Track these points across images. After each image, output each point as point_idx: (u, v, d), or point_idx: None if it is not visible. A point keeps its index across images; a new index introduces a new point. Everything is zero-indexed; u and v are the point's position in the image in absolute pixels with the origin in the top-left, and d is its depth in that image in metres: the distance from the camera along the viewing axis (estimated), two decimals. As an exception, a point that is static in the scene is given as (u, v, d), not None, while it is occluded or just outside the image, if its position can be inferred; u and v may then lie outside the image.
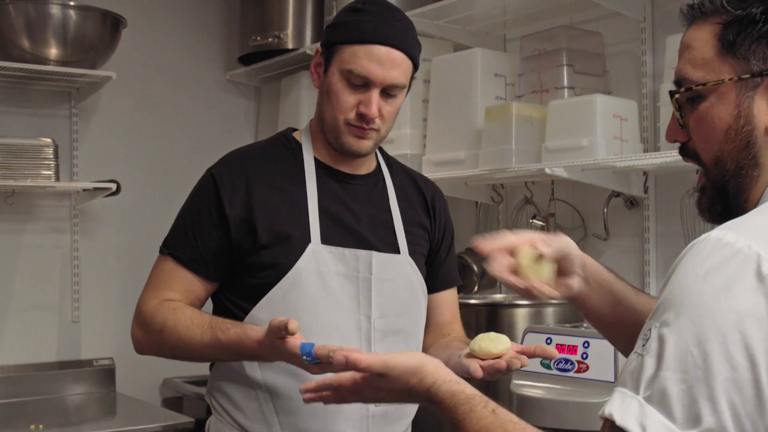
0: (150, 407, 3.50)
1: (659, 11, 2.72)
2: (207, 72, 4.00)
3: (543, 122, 2.68)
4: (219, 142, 3.98)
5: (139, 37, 3.69)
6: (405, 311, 1.85)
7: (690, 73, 1.17)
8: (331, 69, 1.79)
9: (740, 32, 1.12)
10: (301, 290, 1.74)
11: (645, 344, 0.99)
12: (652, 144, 2.68)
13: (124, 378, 3.61)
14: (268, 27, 3.66)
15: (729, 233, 0.99)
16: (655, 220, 2.72)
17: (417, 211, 1.95)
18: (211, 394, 1.86)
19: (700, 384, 0.93)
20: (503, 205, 3.22)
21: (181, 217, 1.85)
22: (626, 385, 1.00)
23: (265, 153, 1.89)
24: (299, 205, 1.80)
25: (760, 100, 1.12)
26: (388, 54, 1.76)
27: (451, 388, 1.21)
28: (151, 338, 1.80)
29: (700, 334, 0.95)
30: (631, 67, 2.82)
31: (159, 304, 1.78)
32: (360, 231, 1.83)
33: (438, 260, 1.99)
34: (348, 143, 1.80)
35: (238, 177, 1.81)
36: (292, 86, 3.74)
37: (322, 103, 1.83)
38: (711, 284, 0.96)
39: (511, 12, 3.06)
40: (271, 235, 1.76)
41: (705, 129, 1.17)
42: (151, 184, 3.79)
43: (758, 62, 1.11)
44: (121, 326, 3.70)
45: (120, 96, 3.69)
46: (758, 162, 1.13)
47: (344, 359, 1.24)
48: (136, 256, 3.72)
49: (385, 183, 1.93)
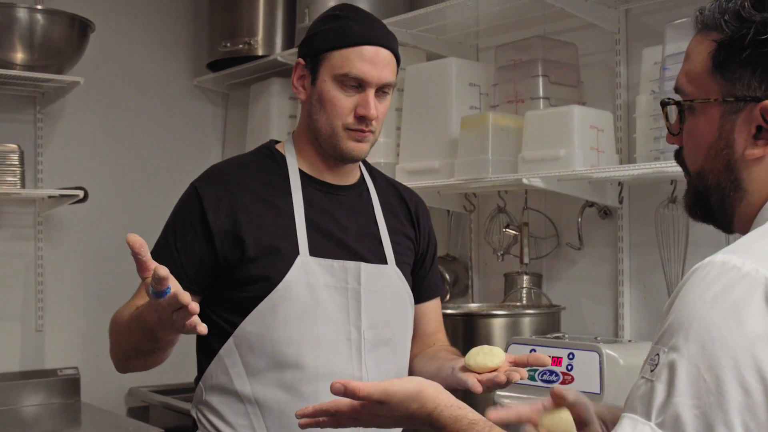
0: (116, 417, 3.46)
1: (633, 23, 2.75)
2: (175, 78, 3.96)
3: (519, 132, 2.69)
4: (187, 149, 3.97)
5: (106, 42, 3.63)
6: (394, 321, 1.84)
7: (684, 85, 1.18)
8: (321, 77, 1.78)
9: (730, 54, 1.11)
10: (291, 302, 1.72)
11: (654, 369, 0.99)
12: (626, 155, 2.70)
13: (89, 387, 3.55)
14: (238, 33, 3.63)
15: (734, 257, 0.99)
16: (629, 230, 2.75)
17: (402, 222, 1.95)
18: (198, 408, 1.83)
19: (715, 409, 0.93)
20: (475, 214, 3.23)
21: (165, 231, 1.82)
22: (636, 411, 0.99)
23: (249, 165, 1.87)
24: (286, 217, 1.78)
25: (742, 126, 1.11)
26: (378, 53, 1.77)
27: (454, 413, 1.20)
28: (110, 341, 1.78)
29: (711, 359, 0.95)
30: (605, 78, 2.84)
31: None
32: (347, 242, 1.82)
33: (423, 270, 1.99)
34: (348, 149, 1.79)
35: (222, 190, 1.78)
36: (261, 93, 3.72)
37: (314, 113, 1.81)
38: (720, 309, 0.96)
39: (483, 22, 3.07)
40: (259, 248, 1.74)
41: (692, 142, 1.18)
42: (117, 191, 3.74)
43: (743, 88, 1.11)
44: (86, 335, 3.67)
45: (86, 101, 3.63)
46: (740, 185, 1.13)
47: (342, 387, 1.22)
48: (102, 264, 3.67)
49: (369, 193, 1.93)
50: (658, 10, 2.69)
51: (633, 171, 2.41)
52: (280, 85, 3.67)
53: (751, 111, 1.10)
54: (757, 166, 1.12)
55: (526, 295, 2.92)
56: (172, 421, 3.40)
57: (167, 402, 3.50)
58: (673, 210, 2.54)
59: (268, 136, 3.59)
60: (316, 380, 1.72)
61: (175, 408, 3.42)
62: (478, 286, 3.23)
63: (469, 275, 3.23)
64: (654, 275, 2.65)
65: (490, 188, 2.89)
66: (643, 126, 2.48)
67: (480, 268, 3.24)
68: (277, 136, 3.57)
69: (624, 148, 2.71)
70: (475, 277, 3.24)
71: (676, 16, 2.45)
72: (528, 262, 2.93)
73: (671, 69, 2.31)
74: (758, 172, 1.12)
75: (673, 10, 2.62)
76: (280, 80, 3.68)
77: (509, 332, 2.52)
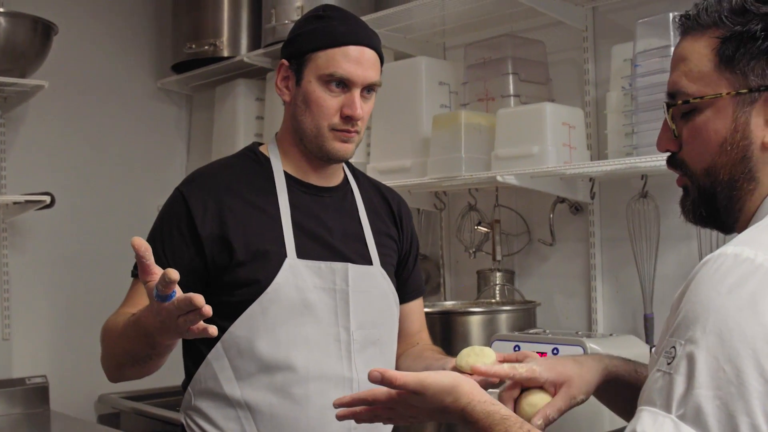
0: (86, 425, 3.42)
1: (601, 20, 2.78)
2: (139, 80, 3.93)
3: (491, 130, 2.71)
4: (152, 152, 3.94)
5: (70, 44, 3.59)
6: (381, 322, 1.85)
7: (686, 86, 1.19)
8: (306, 78, 1.78)
9: (739, 48, 1.13)
10: (281, 305, 1.72)
11: (671, 362, 1.00)
12: (596, 151, 2.74)
13: (58, 395, 3.50)
14: (202, 35, 3.61)
15: (746, 249, 1.01)
16: (600, 225, 2.78)
17: (385, 222, 1.96)
18: (187, 414, 1.81)
19: (736, 399, 0.95)
20: (446, 212, 3.24)
21: (152, 238, 1.80)
22: (655, 404, 1.00)
23: (234, 168, 1.86)
24: (273, 220, 1.78)
25: (758, 116, 1.14)
26: (363, 53, 1.78)
27: (486, 409, 1.21)
28: (102, 349, 1.75)
29: (730, 349, 0.96)
30: (573, 75, 2.87)
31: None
32: (334, 244, 1.82)
33: (406, 270, 2.00)
34: (334, 149, 1.80)
35: (209, 194, 1.78)
36: (227, 94, 3.69)
37: (299, 114, 1.81)
38: (736, 300, 0.98)
39: (450, 21, 3.08)
40: (247, 252, 1.74)
41: (700, 141, 1.19)
42: (84, 196, 3.69)
43: (756, 78, 1.13)
44: (55, 343, 3.62)
45: (50, 105, 3.59)
46: (754, 176, 1.16)
47: (380, 375, 1.23)
48: (70, 270, 3.63)
49: (353, 195, 1.93)
50: (625, 7, 2.72)
51: (606, 167, 2.44)
52: (246, 86, 3.65)
53: (766, 100, 1.13)
54: None
55: (500, 291, 2.94)
56: (143, 428, 3.37)
57: (138, 408, 3.47)
58: (644, 204, 2.58)
59: (235, 138, 3.58)
60: (307, 382, 1.72)
61: (147, 414, 3.40)
62: (450, 284, 3.25)
63: (441, 273, 3.25)
64: (626, 269, 2.69)
65: (462, 186, 2.90)
66: (615, 122, 2.51)
67: (452, 265, 3.26)
68: (243, 138, 3.57)
69: (594, 144, 2.74)
70: (447, 275, 3.25)
71: (643, 14, 2.48)
72: (500, 258, 2.95)
73: (643, 66, 2.34)
74: None
75: (639, 8, 2.66)
76: (246, 81, 3.66)
77: (486, 329, 2.54)
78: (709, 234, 2.42)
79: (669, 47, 2.28)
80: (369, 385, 1.75)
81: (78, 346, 3.61)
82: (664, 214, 2.55)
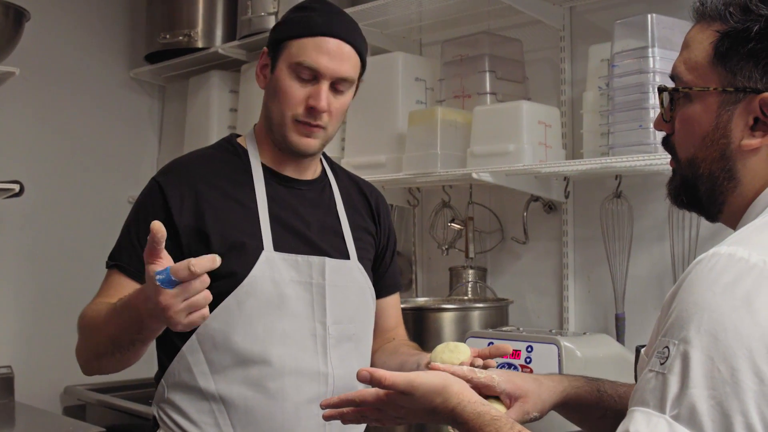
0: (52, 417, 3.37)
1: (578, 20, 2.79)
2: (111, 69, 3.88)
3: (467, 127, 2.71)
4: (124, 142, 3.90)
5: (42, 31, 3.53)
6: (357, 317, 1.84)
7: (682, 73, 1.20)
8: (278, 65, 1.77)
9: (733, 45, 1.13)
10: (256, 298, 1.71)
11: (664, 362, 0.99)
12: (571, 150, 2.74)
13: (24, 387, 3.45)
14: (177, 25, 3.57)
15: (740, 249, 1.01)
16: (574, 224, 2.79)
17: (363, 217, 1.95)
18: (160, 407, 1.78)
19: (731, 399, 0.94)
20: (419, 209, 3.24)
21: (127, 228, 1.78)
22: (648, 405, 0.99)
23: (211, 159, 1.84)
24: (250, 212, 1.77)
25: (739, 117, 1.14)
26: (338, 47, 1.76)
27: (477, 410, 1.20)
28: (80, 339, 1.72)
29: (725, 349, 0.95)
30: (549, 74, 2.88)
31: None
32: (311, 237, 1.81)
33: (384, 266, 2.00)
34: (295, 141, 1.78)
35: (186, 185, 1.76)
36: (201, 85, 3.66)
37: (269, 101, 1.80)
38: (730, 299, 0.97)
39: (427, 17, 3.08)
40: (224, 244, 1.72)
41: (686, 130, 1.20)
42: (54, 185, 3.64)
43: (743, 79, 1.13)
44: (20, 333, 3.57)
45: (21, 92, 3.52)
46: (734, 175, 1.16)
47: (369, 375, 1.22)
48: (37, 259, 3.59)
49: (331, 188, 1.92)
50: (602, 8, 2.73)
51: (581, 166, 2.45)
52: (220, 77, 3.62)
53: (750, 102, 1.13)
54: (753, 158, 1.14)
55: (472, 289, 2.94)
56: (109, 420, 3.33)
57: (105, 400, 3.43)
58: (617, 205, 2.59)
59: (208, 130, 3.56)
60: (282, 376, 1.70)
61: (113, 406, 3.36)
62: (422, 281, 3.25)
63: (413, 270, 3.24)
64: (598, 268, 2.70)
65: (437, 183, 2.90)
66: (591, 122, 2.52)
67: (424, 262, 3.25)
68: (217, 130, 3.54)
69: (569, 144, 2.75)
70: (420, 271, 3.25)
71: (620, 14, 2.50)
72: (473, 256, 2.95)
73: (620, 66, 2.35)
74: (753, 163, 1.14)
75: (617, 9, 2.67)
76: (220, 73, 3.63)
77: (459, 326, 2.54)
78: (681, 236, 2.43)
79: (646, 48, 2.29)
80: (344, 380, 1.76)
81: (44, 337, 3.56)
82: (637, 215, 2.56)
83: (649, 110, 2.27)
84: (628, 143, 2.33)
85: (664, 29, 2.29)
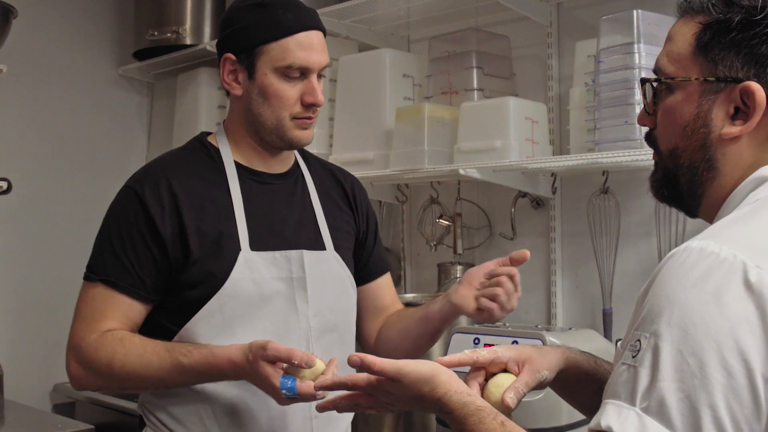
0: (41, 414, 3.36)
1: (565, 16, 2.80)
2: (99, 66, 3.87)
3: (454, 123, 2.71)
4: (112, 139, 3.89)
5: (29, 28, 3.52)
6: (337, 307, 1.84)
7: (665, 65, 1.21)
8: (260, 71, 1.75)
9: (715, 36, 1.15)
10: (238, 301, 1.70)
11: (636, 355, 1.00)
12: (558, 146, 2.75)
13: (13, 385, 3.44)
14: (165, 22, 3.57)
15: (711, 243, 1.01)
16: (561, 220, 2.79)
17: (339, 205, 1.94)
18: (145, 406, 1.78)
19: (699, 392, 0.95)
20: (407, 205, 3.24)
21: (108, 240, 1.74)
22: (619, 397, 1.00)
23: (185, 161, 1.82)
24: (226, 212, 1.76)
25: (720, 106, 1.15)
26: (316, 38, 1.77)
27: (462, 399, 1.21)
28: (96, 374, 1.69)
29: (694, 342, 0.96)
30: (537, 70, 2.88)
31: (100, 336, 1.68)
32: (287, 232, 1.81)
33: (367, 250, 1.99)
34: (296, 137, 1.79)
35: (163, 190, 1.73)
36: (189, 83, 3.66)
37: (256, 107, 1.78)
38: (700, 293, 0.98)
39: (415, 14, 3.08)
40: (202, 248, 1.71)
41: (668, 122, 1.21)
42: (42, 183, 3.64)
43: (724, 69, 1.14)
44: (9, 331, 3.57)
45: (8, 89, 3.52)
46: (713, 165, 1.17)
47: (359, 360, 1.23)
48: (25, 257, 3.58)
49: (304, 179, 1.91)
50: (589, 4, 2.74)
51: (568, 162, 2.45)
52: (209, 74, 3.62)
53: (730, 92, 1.14)
54: (732, 146, 1.15)
55: (460, 284, 2.94)
56: (99, 417, 3.33)
57: (94, 398, 3.43)
58: (604, 200, 2.60)
59: (197, 127, 3.55)
60: (266, 373, 1.70)
61: (103, 404, 3.36)
62: (410, 277, 3.25)
63: (401, 266, 3.25)
64: (586, 264, 2.70)
65: (424, 179, 2.91)
66: (577, 118, 2.52)
67: (413, 258, 3.26)
68: (206, 127, 3.53)
69: (556, 140, 2.76)
70: (408, 267, 3.26)
71: (606, 11, 2.50)
72: (461, 252, 2.96)
73: (606, 62, 2.35)
74: (732, 152, 1.15)
75: (603, 5, 2.67)
76: (208, 70, 3.63)
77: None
78: (668, 231, 2.44)
79: (632, 44, 2.29)
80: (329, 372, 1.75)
81: (33, 334, 3.56)
82: (624, 211, 2.57)
83: (635, 106, 2.28)
84: (615, 139, 2.34)
85: (649, 25, 2.29)
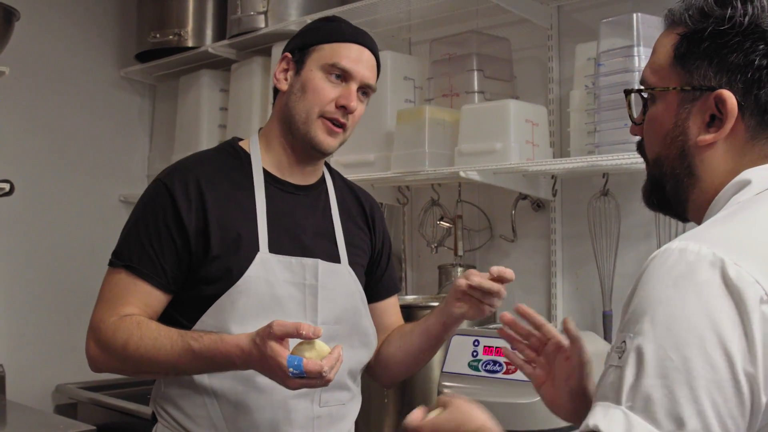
0: (43, 415, 3.37)
1: (566, 19, 2.81)
2: (101, 68, 3.89)
3: (454, 126, 2.72)
4: (114, 141, 3.91)
5: (32, 31, 3.54)
6: (344, 319, 1.88)
7: (648, 76, 1.26)
8: (307, 66, 1.84)
9: (690, 46, 1.19)
10: (250, 298, 1.74)
11: (621, 356, 1.03)
12: (558, 148, 2.76)
13: (15, 385, 3.45)
14: (167, 24, 3.59)
15: (691, 243, 1.04)
16: (562, 222, 2.80)
17: (357, 223, 2.00)
18: (157, 402, 1.84)
19: (682, 386, 0.97)
20: (408, 207, 3.25)
21: (135, 229, 1.80)
22: (607, 399, 1.03)
23: (214, 162, 1.89)
24: (248, 214, 1.81)
25: (696, 114, 1.19)
26: (368, 56, 1.87)
27: None
28: (112, 356, 1.74)
29: (677, 338, 0.99)
30: (537, 73, 2.89)
31: (119, 320, 1.73)
32: (305, 240, 1.86)
33: (379, 270, 2.04)
34: (319, 138, 1.83)
35: (192, 186, 1.80)
36: (191, 85, 3.68)
37: (293, 101, 1.85)
38: (682, 291, 1.00)
39: (416, 16, 3.09)
40: (222, 245, 1.76)
41: (651, 131, 1.25)
42: (44, 184, 3.66)
43: (699, 78, 1.18)
44: (12, 331, 3.58)
45: (11, 91, 3.54)
46: (693, 172, 1.21)
47: None
48: (27, 258, 3.59)
49: (328, 195, 1.97)
50: (590, 7, 2.75)
51: (568, 164, 2.46)
52: (211, 77, 3.64)
53: (705, 100, 1.18)
54: (709, 153, 1.19)
55: (461, 286, 2.94)
56: (101, 418, 3.34)
57: (96, 398, 3.44)
58: (604, 203, 2.61)
59: (198, 129, 3.57)
60: (271, 371, 1.73)
61: (104, 404, 3.37)
62: (411, 279, 3.26)
63: (402, 268, 3.26)
64: (586, 266, 2.71)
65: (425, 181, 2.92)
66: (577, 120, 2.53)
67: (414, 260, 3.27)
68: (207, 129, 3.56)
69: (557, 142, 2.77)
70: (409, 269, 3.27)
71: (607, 14, 2.51)
72: (462, 254, 2.97)
73: (606, 65, 2.36)
74: (710, 159, 1.19)
75: (604, 8, 2.69)
76: (210, 72, 3.65)
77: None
78: (668, 232, 2.45)
79: (632, 47, 2.31)
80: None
81: (36, 335, 3.57)
82: (624, 213, 2.58)
83: (634, 108, 2.29)
84: (615, 141, 2.35)
85: (649, 28, 2.30)
